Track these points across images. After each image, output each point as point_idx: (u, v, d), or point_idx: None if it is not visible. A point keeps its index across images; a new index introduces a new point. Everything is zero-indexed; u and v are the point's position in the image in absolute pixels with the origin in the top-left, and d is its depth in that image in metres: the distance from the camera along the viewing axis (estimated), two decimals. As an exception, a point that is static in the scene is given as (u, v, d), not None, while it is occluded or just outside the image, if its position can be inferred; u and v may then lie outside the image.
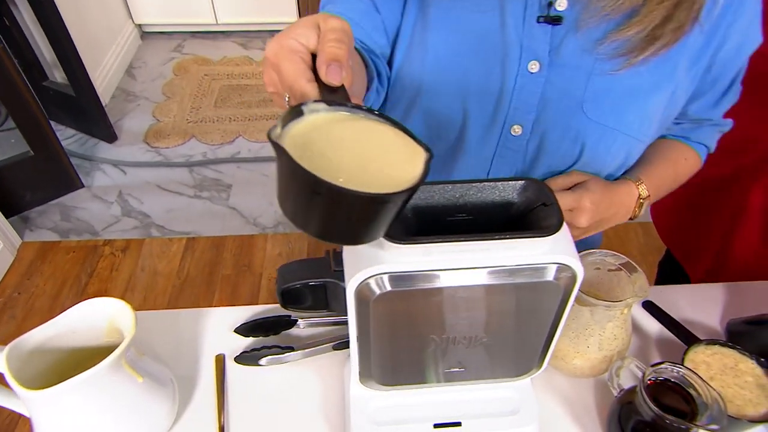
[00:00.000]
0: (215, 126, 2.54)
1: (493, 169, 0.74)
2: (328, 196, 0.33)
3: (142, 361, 0.60)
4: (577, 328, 0.64)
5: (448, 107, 0.70)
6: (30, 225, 2.12)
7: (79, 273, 1.97)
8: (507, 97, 0.67)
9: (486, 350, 0.51)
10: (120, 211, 2.18)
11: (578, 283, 0.45)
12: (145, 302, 1.89)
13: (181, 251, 2.06)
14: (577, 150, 0.70)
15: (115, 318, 0.57)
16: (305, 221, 0.37)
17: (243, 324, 0.73)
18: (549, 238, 0.42)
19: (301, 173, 0.33)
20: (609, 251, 0.65)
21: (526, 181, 0.46)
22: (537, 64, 0.65)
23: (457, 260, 0.43)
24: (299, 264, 0.49)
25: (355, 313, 0.46)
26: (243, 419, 0.66)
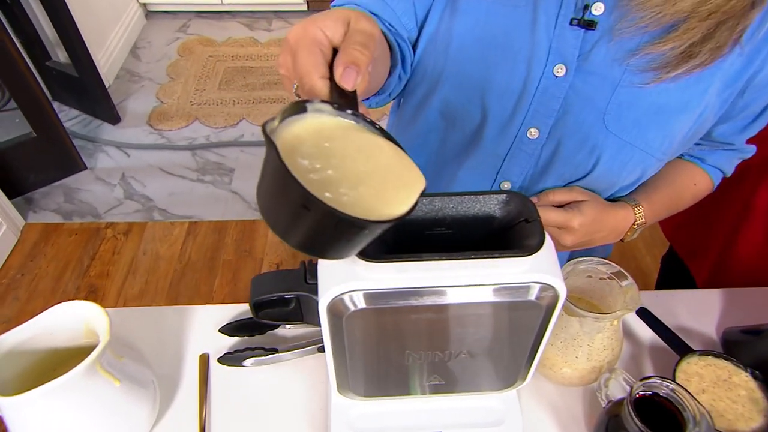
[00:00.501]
0: (219, 109, 2.51)
1: (504, 168, 0.72)
2: (311, 209, 0.32)
3: (121, 364, 0.59)
4: (566, 338, 0.62)
5: (466, 100, 0.68)
6: (33, 206, 2.12)
7: (82, 255, 1.98)
8: (528, 97, 0.65)
9: (467, 365, 0.50)
10: (122, 194, 2.17)
11: (561, 302, 0.43)
12: (146, 286, 1.90)
13: (183, 235, 2.05)
14: (592, 162, 0.68)
15: (90, 321, 0.56)
16: (276, 222, 0.35)
17: (228, 324, 0.72)
18: (530, 257, 0.40)
19: (289, 180, 0.31)
20: (601, 259, 0.62)
21: (508, 195, 0.44)
22: (563, 68, 0.63)
23: (433, 278, 0.41)
24: (273, 275, 0.48)
25: (329, 328, 0.45)
26: (225, 421, 0.65)
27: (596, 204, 0.71)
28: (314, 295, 0.44)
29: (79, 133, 2.38)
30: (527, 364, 0.51)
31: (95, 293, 1.86)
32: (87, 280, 1.91)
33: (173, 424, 0.65)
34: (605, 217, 0.71)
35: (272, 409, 0.66)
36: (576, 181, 0.71)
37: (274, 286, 0.46)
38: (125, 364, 0.60)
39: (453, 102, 0.70)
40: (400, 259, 0.40)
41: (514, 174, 0.73)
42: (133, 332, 0.74)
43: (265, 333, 0.73)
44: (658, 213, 0.76)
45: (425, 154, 0.79)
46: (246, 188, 2.20)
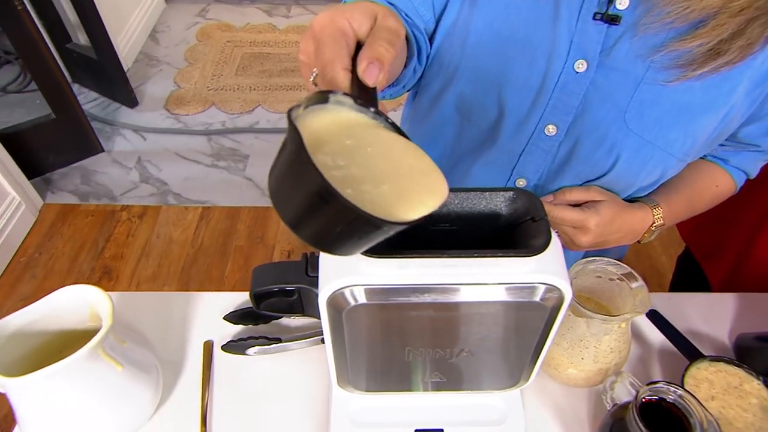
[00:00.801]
0: (235, 95, 2.51)
1: (520, 165, 0.71)
2: (330, 203, 0.31)
3: (124, 349, 0.59)
4: (572, 339, 0.61)
5: (483, 94, 0.67)
6: (52, 187, 2.15)
7: (97, 237, 2.00)
8: (547, 93, 0.64)
9: (469, 363, 0.49)
10: (138, 177, 2.19)
11: (566, 303, 0.42)
12: (159, 269, 1.91)
13: (197, 220, 2.07)
14: (611, 160, 0.66)
15: (95, 305, 0.56)
16: (288, 212, 0.35)
17: (233, 311, 0.72)
18: (535, 257, 0.39)
19: (310, 170, 0.30)
20: (611, 260, 0.61)
21: (515, 192, 0.43)
22: (584, 63, 0.61)
23: (435, 276, 0.40)
24: (274, 267, 0.47)
25: (329, 322, 0.44)
26: (226, 408, 0.66)
27: (613, 204, 0.69)
28: (315, 288, 0.43)
29: (98, 115, 2.40)
30: (531, 364, 0.50)
31: (109, 274, 1.89)
32: (102, 261, 1.93)
33: (175, 409, 0.65)
34: (623, 218, 0.70)
35: (273, 398, 0.66)
36: (594, 180, 0.70)
37: (275, 278, 0.46)
38: (128, 349, 0.60)
39: (469, 96, 0.69)
40: (402, 256, 0.40)
41: (530, 171, 0.71)
42: (139, 317, 0.74)
43: (270, 322, 0.72)
44: (677, 215, 0.74)
45: (439, 148, 0.78)
46: (260, 175, 2.20)
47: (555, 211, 0.69)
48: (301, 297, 0.47)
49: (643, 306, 0.57)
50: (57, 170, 2.19)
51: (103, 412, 0.57)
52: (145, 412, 0.62)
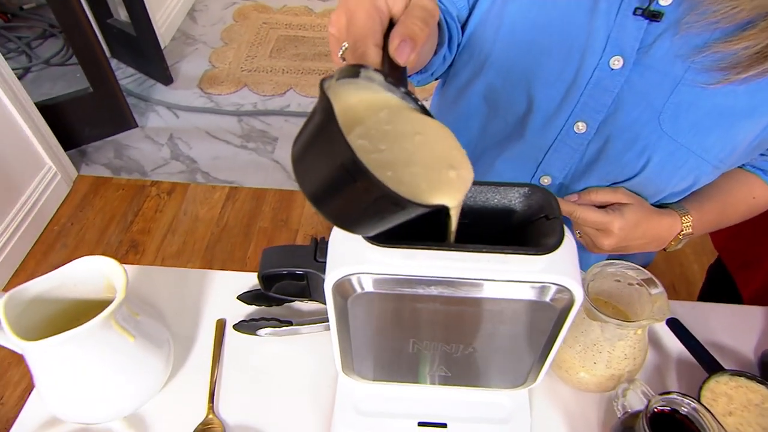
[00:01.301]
0: (268, 77, 2.53)
1: (545, 162, 0.70)
2: (358, 180, 0.30)
3: (137, 321, 0.60)
4: (585, 342, 0.60)
5: (512, 86, 0.66)
6: (86, 159, 2.20)
7: (126, 211, 2.05)
8: (578, 89, 0.62)
9: (474, 360, 0.48)
10: (169, 154, 2.23)
11: (577, 306, 0.41)
12: (184, 246, 1.95)
13: (223, 199, 2.09)
14: (641, 163, 0.64)
15: (110, 277, 0.57)
16: (311, 184, 0.34)
17: (247, 292, 0.73)
18: (545, 256, 0.38)
19: (340, 143, 0.29)
20: (631, 264, 0.59)
21: (530, 188, 0.42)
22: (620, 60, 0.59)
23: (442, 268, 0.40)
24: (283, 249, 0.47)
25: (334, 309, 0.44)
26: (234, 387, 0.66)
27: (640, 209, 0.67)
28: (322, 273, 0.43)
29: (133, 91, 2.44)
30: (539, 365, 0.49)
31: (136, 248, 1.93)
32: (129, 234, 1.98)
33: (184, 384, 0.67)
34: (648, 224, 0.68)
35: (281, 380, 0.67)
36: (622, 182, 0.68)
37: (284, 261, 0.46)
38: (141, 322, 0.61)
39: (498, 88, 0.68)
40: (410, 246, 0.39)
41: (556, 169, 0.70)
42: (156, 290, 0.76)
43: (283, 305, 0.73)
44: (707, 224, 0.72)
45: (464, 139, 0.77)
46: (288, 158, 2.21)
47: (578, 210, 0.67)
48: (308, 281, 0.47)
49: (661, 313, 0.56)
50: (92, 143, 2.25)
51: (114, 380, 0.58)
52: (155, 384, 0.63)
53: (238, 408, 0.65)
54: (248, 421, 0.63)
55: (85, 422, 0.61)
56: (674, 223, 0.69)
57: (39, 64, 2.47)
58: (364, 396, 0.59)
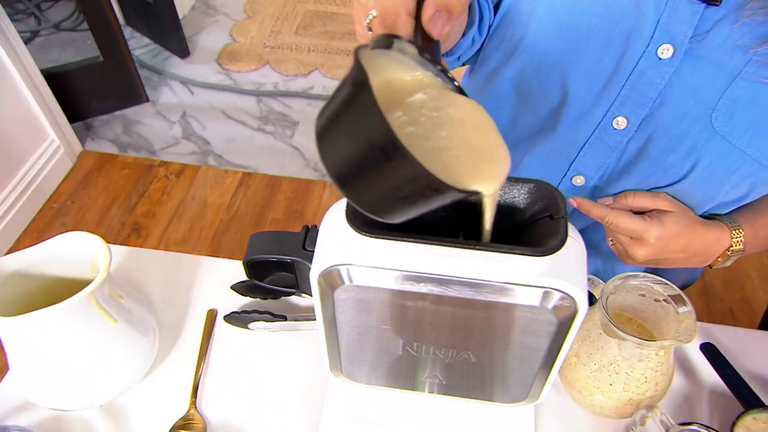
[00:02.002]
0: (292, 55, 2.56)
1: (579, 160, 0.70)
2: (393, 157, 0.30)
3: (121, 304, 0.63)
4: (601, 360, 0.60)
5: (545, 74, 0.66)
6: (92, 133, 2.27)
7: (131, 191, 2.10)
8: (620, 80, 0.62)
9: (469, 368, 0.49)
10: (181, 133, 2.28)
11: (580, 316, 0.42)
12: (190, 232, 1.99)
13: (235, 185, 2.14)
14: (688, 166, 0.64)
15: (94, 255, 0.60)
16: (338, 159, 0.34)
17: (241, 282, 0.75)
18: (545, 258, 0.39)
19: (375, 118, 0.30)
20: (657, 277, 0.59)
21: (536, 184, 0.42)
22: (670, 48, 0.58)
23: (432, 265, 0.41)
24: (272, 236, 0.49)
25: (320, 301, 0.45)
26: (220, 382, 0.69)
27: (683, 218, 0.66)
28: (310, 263, 0.45)
29: (147, 62, 2.51)
30: (540, 379, 0.50)
31: (138, 232, 1.98)
32: (132, 217, 2.03)
33: (167, 376, 0.69)
34: (691, 236, 0.66)
35: (270, 379, 0.69)
36: (664, 187, 0.67)
37: (271, 247, 0.48)
38: (126, 305, 0.64)
39: (529, 75, 0.68)
40: (400, 238, 0.40)
41: (591, 168, 0.70)
42: (145, 275, 0.79)
43: (279, 298, 0.75)
44: (763, 241, 0.70)
45: None
46: (308, 145, 2.24)
47: (612, 215, 0.67)
48: (296, 271, 0.49)
49: (687, 334, 0.55)
50: (99, 116, 2.32)
51: (91, 366, 0.61)
52: (135, 373, 0.65)
53: (222, 405, 0.67)
54: (232, 420, 0.66)
55: (58, 408, 0.64)
56: (722, 237, 0.68)
57: (48, 27, 2.55)
58: (355, 401, 0.60)
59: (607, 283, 0.59)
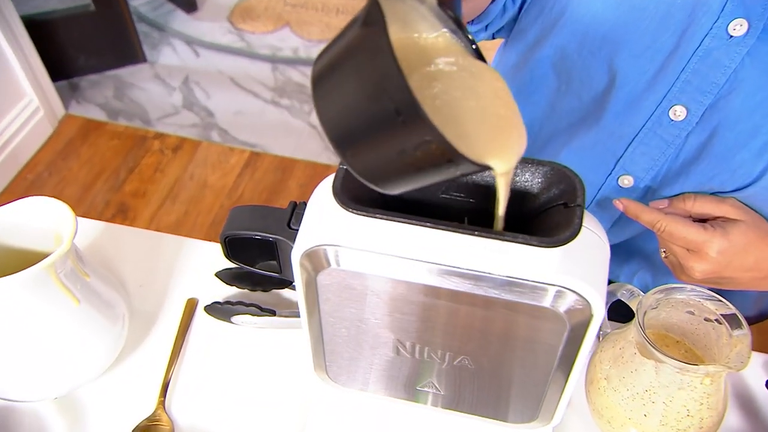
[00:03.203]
0: (317, 16, 2.61)
1: (627, 157, 0.71)
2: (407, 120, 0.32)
3: (87, 284, 0.66)
4: (634, 385, 0.62)
5: (590, 53, 0.68)
6: (78, 95, 2.35)
7: (120, 166, 2.17)
8: (680, 61, 0.63)
9: (469, 377, 0.52)
10: (181, 101, 2.34)
11: (597, 321, 0.44)
12: (185, 217, 2.04)
13: (241, 166, 2.18)
14: (761, 166, 0.65)
15: (59, 224, 0.64)
16: (341, 119, 0.36)
17: (227, 269, 0.78)
18: (553, 250, 0.41)
19: (392, 73, 0.31)
20: (711, 293, 0.61)
21: (553, 168, 0.45)
22: (744, 24, 0.59)
23: (429, 250, 0.43)
24: (254, 211, 0.52)
25: (303, 287, 0.48)
26: (194, 381, 0.72)
27: (753, 230, 0.66)
28: (293, 242, 0.48)
29: (146, 16, 2.58)
30: (553, 397, 0.52)
31: (125, 213, 2.05)
32: (119, 196, 2.09)
33: (134, 370, 0.73)
34: (763, 252, 0.66)
35: (251, 381, 0.72)
36: (732, 192, 0.68)
37: (252, 223, 0.51)
38: (92, 285, 0.67)
39: (572, 54, 0.70)
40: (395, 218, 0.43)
41: (641, 167, 0.71)
42: (120, 254, 0.83)
43: (270, 291, 0.78)
44: None
45: (526, 118, 0.79)
46: (329, 123, 2.28)
47: (665, 221, 0.67)
48: (279, 253, 0.52)
49: (738, 361, 0.57)
50: (87, 76, 2.40)
51: (47, 351, 0.64)
52: (98, 363, 0.69)
53: (194, 407, 0.70)
54: (202, 425, 0.69)
55: (5, 398, 0.67)
56: None
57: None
58: (344, 412, 0.63)
59: (646, 294, 0.61)
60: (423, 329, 0.48)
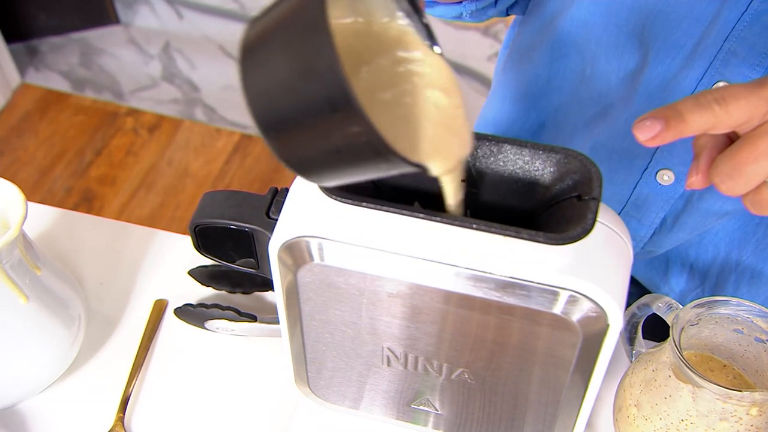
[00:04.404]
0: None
1: (665, 148, 0.72)
2: (339, 110, 0.34)
3: (37, 278, 0.69)
4: (669, 415, 0.64)
5: (617, 28, 0.70)
6: (37, 61, 2.38)
7: (85, 147, 2.20)
8: (722, 31, 0.65)
9: (468, 394, 0.54)
10: (160, 72, 2.37)
11: (614, 332, 0.47)
12: (161, 209, 2.07)
13: (229, 150, 2.21)
14: None
15: (6, 209, 0.68)
16: (262, 94, 0.38)
17: (202, 266, 0.82)
18: (562, 248, 0.44)
19: (325, 53, 0.33)
20: (762, 309, 0.63)
21: (568, 155, 0.47)
22: None
23: (421, 245, 0.46)
24: (229, 197, 0.55)
25: (281, 284, 0.52)
26: (159, 394, 0.75)
27: None
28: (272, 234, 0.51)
29: (122, -31, 2.61)
30: (566, 421, 0.55)
31: (90, 202, 2.08)
32: (84, 182, 2.12)
33: (90, 380, 0.77)
34: None
35: (225, 394, 0.75)
36: None
37: (226, 210, 0.54)
38: (44, 281, 0.70)
39: (596, 28, 0.71)
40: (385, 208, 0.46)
41: (682, 158, 0.73)
42: (81, 246, 0.86)
43: (252, 293, 0.81)
44: None
45: (542, 110, 0.81)
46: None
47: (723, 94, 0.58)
48: (256, 246, 0.55)
49: (791, 390, 0.59)
50: (48, 38, 2.42)
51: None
52: (47, 372, 0.72)
53: (159, 424, 0.73)
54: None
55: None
56: None
57: None
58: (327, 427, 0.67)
59: (684, 307, 0.63)
60: (416, 336, 0.51)
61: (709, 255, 0.79)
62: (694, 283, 0.85)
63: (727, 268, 0.79)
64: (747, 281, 0.78)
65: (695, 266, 0.83)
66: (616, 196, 0.79)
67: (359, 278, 0.48)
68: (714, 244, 0.79)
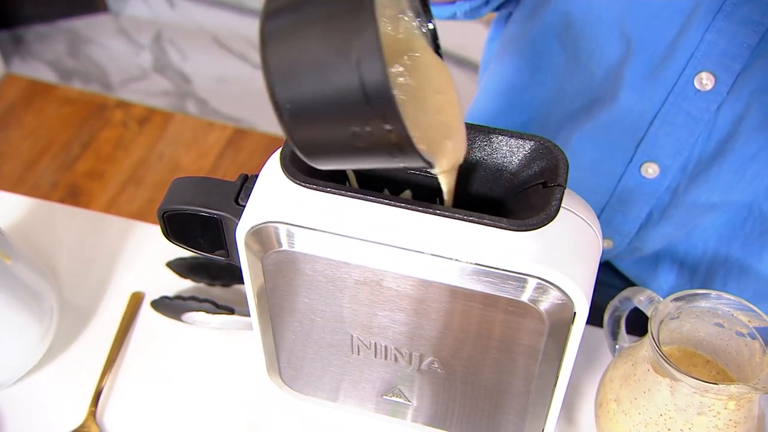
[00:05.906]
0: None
1: (649, 139, 0.74)
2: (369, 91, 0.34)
3: (7, 268, 0.70)
4: (647, 407, 0.65)
5: (597, 19, 0.71)
6: (22, 50, 2.40)
7: (72, 140, 2.21)
8: (703, 18, 0.66)
9: (441, 385, 0.56)
10: (151, 63, 2.38)
11: (581, 320, 0.48)
12: (151, 204, 2.08)
13: (222, 144, 2.22)
14: None
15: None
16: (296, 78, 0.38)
17: (181, 258, 0.83)
18: (528, 234, 0.46)
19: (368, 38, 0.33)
20: (742, 302, 0.64)
21: (537, 142, 0.49)
22: None
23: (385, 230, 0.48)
24: (198, 183, 0.57)
25: (248, 271, 0.53)
26: (133, 387, 0.77)
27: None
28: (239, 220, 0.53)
29: (112, -45, 2.62)
30: (536, 411, 0.56)
31: (76, 197, 2.08)
32: (70, 176, 2.13)
33: (61, 373, 0.78)
34: None
35: (201, 389, 0.77)
36: None
37: (195, 197, 0.56)
38: (14, 271, 0.71)
39: (577, 20, 0.73)
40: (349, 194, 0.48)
41: (666, 151, 0.74)
42: (55, 237, 0.88)
43: (231, 286, 0.83)
44: None
45: (526, 105, 0.83)
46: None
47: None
48: (225, 233, 0.56)
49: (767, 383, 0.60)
50: (34, 26, 2.43)
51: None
52: (16, 365, 0.74)
53: (132, 419, 0.75)
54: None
55: None
56: None
57: None
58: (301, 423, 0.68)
59: (663, 300, 0.64)
60: (383, 324, 0.53)
61: (698, 250, 0.81)
62: (684, 279, 0.86)
63: (715, 264, 0.80)
64: (735, 276, 0.79)
65: (684, 262, 0.85)
66: (600, 189, 0.80)
67: (326, 264, 0.50)
68: (703, 240, 0.80)
